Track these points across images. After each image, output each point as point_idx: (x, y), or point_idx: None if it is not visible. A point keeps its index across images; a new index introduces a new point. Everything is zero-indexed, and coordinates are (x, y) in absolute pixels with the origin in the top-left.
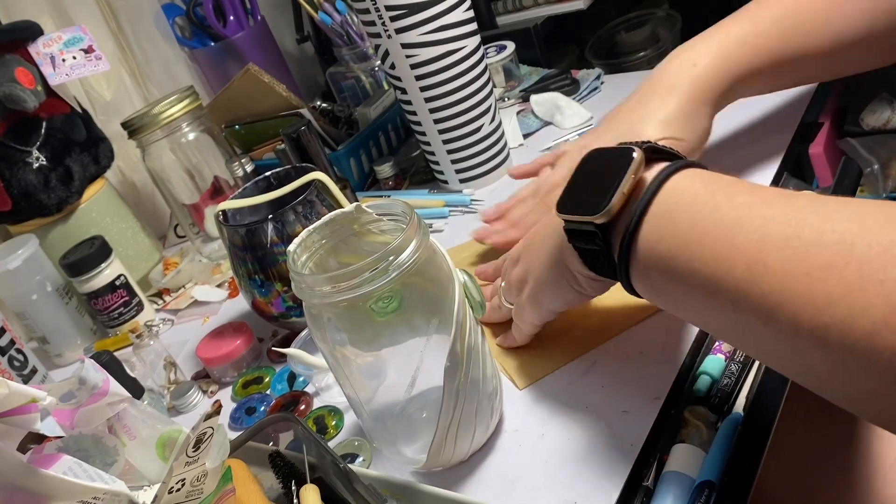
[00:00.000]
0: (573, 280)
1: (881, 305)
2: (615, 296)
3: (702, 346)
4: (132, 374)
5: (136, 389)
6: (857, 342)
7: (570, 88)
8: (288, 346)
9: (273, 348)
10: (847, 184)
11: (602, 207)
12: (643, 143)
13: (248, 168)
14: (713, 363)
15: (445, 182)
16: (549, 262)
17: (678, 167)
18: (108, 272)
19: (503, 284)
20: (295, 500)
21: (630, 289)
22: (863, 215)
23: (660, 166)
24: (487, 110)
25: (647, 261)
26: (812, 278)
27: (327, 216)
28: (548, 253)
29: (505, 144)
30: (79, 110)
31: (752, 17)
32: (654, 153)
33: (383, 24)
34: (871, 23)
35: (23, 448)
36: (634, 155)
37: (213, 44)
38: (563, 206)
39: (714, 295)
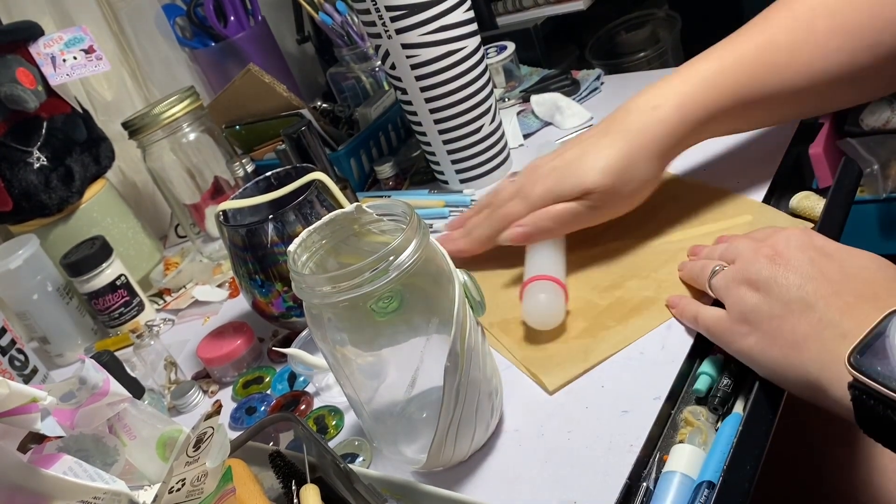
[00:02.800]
0: (822, 398)
1: None
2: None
3: (702, 346)
4: (133, 374)
5: (136, 389)
6: None
7: (571, 89)
8: (288, 346)
9: (273, 348)
10: (847, 184)
11: None
12: None
13: (249, 168)
14: (713, 363)
15: (446, 182)
16: (799, 357)
17: None
18: (108, 272)
19: (718, 269)
20: (295, 500)
21: None
22: None
23: None
24: (488, 110)
25: None
26: None
27: (328, 216)
28: (799, 341)
29: (505, 145)
30: (79, 110)
31: (720, 55)
32: None
33: (383, 24)
34: (852, 59)
35: (23, 448)
36: None
37: (213, 44)
38: (858, 360)
39: None
